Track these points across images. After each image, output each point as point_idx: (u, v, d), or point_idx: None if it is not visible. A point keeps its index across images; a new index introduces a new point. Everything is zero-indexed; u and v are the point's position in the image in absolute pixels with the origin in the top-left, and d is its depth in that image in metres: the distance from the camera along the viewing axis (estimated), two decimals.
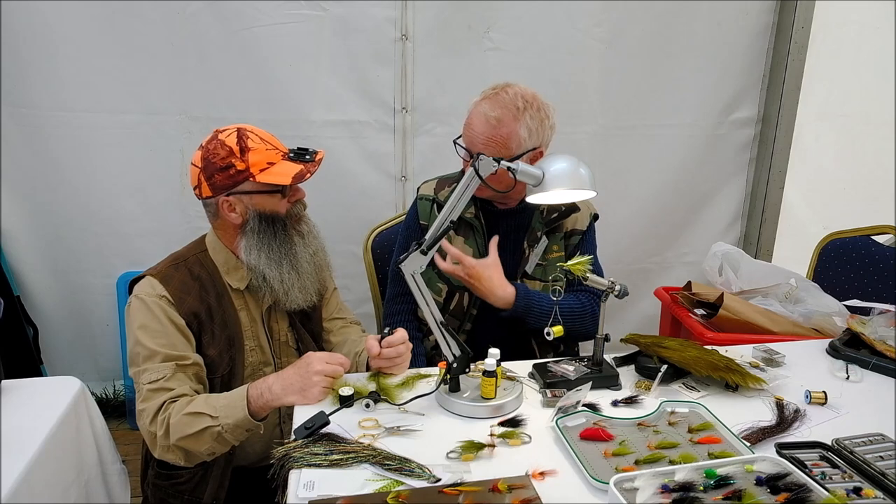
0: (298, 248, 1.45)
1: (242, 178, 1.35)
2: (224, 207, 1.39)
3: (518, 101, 1.52)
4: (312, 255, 1.48)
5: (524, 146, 1.53)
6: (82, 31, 2.30)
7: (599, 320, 1.45)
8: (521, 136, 1.52)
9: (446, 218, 1.30)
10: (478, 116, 1.53)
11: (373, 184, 2.61)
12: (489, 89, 1.57)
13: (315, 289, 1.50)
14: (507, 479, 1.05)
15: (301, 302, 1.47)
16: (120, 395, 2.74)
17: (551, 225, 1.70)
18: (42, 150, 2.41)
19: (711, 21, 2.65)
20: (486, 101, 1.53)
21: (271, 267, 1.40)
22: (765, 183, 2.89)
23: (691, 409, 1.31)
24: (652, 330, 2.61)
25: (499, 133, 1.50)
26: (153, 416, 1.31)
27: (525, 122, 1.51)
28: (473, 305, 1.69)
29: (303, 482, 1.06)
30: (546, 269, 1.70)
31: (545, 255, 1.70)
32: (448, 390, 1.32)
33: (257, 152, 1.35)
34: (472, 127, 1.54)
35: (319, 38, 2.41)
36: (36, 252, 2.53)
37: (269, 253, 1.40)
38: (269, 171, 1.35)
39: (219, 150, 1.35)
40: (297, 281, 1.44)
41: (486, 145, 1.51)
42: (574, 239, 1.73)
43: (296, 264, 1.44)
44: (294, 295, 1.44)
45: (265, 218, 1.40)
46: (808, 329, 2.02)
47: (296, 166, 1.37)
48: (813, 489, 0.99)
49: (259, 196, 1.38)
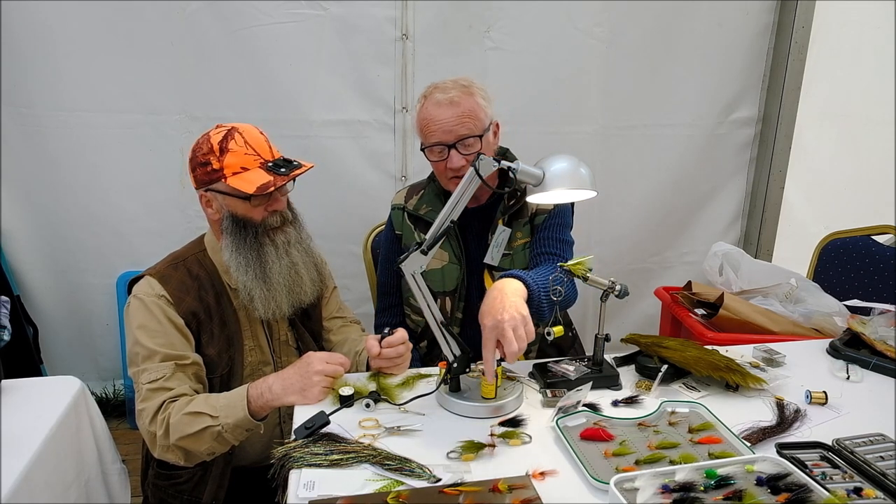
0: (269, 257, 1.41)
1: (216, 177, 1.35)
2: (202, 201, 1.41)
3: (462, 82, 1.57)
4: (290, 267, 1.43)
5: (489, 115, 1.57)
6: (82, 30, 2.30)
7: (600, 316, 1.45)
8: (482, 105, 1.55)
9: (447, 217, 1.30)
10: (436, 107, 1.54)
11: (373, 184, 2.61)
12: (425, 90, 1.60)
13: (288, 302, 1.45)
14: (508, 479, 1.05)
15: (265, 313, 1.42)
16: (120, 394, 2.74)
17: (510, 211, 1.65)
18: (42, 150, 2.41)
19: (712, 21, 2.65)
20: (435, 93, 1.55)
21: (239, 271, 1.39)
22: (765, 183, 2.90)
23: (692, 409, 1.31)
24: (652, 330, 2.62)
25: (464, 108, 1.53)
26: (153, 415, 1.31)
27: (478, 96, 1.55)
28: (458, 309, 1.69)
29: (303, 482, 1.06)
30: (513, 258, 1.66)
31: (510, 244, 1.66)
32: (448, 390, 1.32)
33: (235, 155, 1.34)
34: (438, 119, 1.53)
35: (319, 38, 2.41)
36: (36, 252, 2.53)
37: (238, 256, 1.38)
38: (239, 176, 1.34)
39: (203, 145, 1.37)
40: (261, 291, 1.40)
41: (461, 124, 1.52)
42: (539, 218, 1.66)
43: (262, 274, 1.40)
44: (256, 304, 1.41)
45: (237, 221, 1.38)
46: (809, 329, 2.02)
47: (266, 176, 1.34)
48: (813, 489, 0.99)
49: (230, 198, 1.37)
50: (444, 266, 1.68)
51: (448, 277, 1.68)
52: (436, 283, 1.68)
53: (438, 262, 1.68)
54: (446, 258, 1.68)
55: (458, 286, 1.68)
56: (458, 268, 1.67)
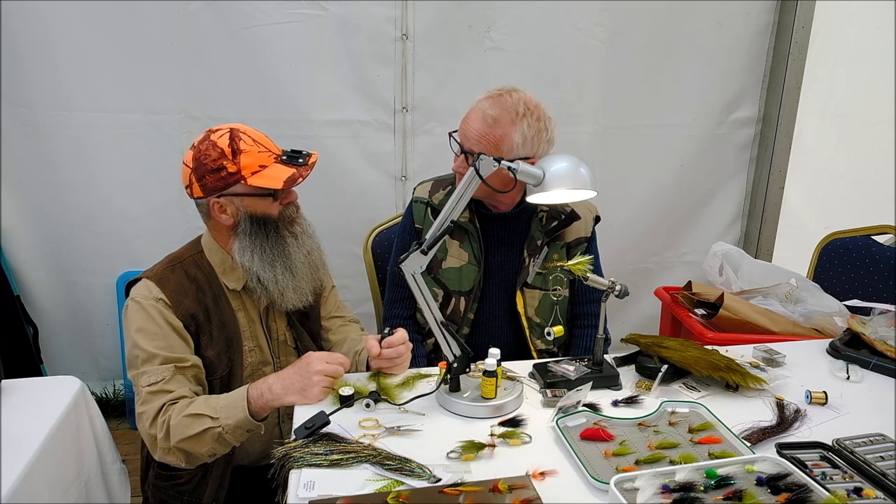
0: (292, 248, 1.44)
1: (234, 180, 1.34)
2: (215, 209, 1.38)
3: (519, 107, 1.50)
4: (307, 255, 1.47)
5: (516, 152, 1.51)
6: (82, 31, 2.30)
7: (601, 322, 1.45)
8: (514, 141, 1.50)
9: (447, 217, 1.30)
10: (476, 112, 1.53)
11: (373, 183, 2.61)
12: (495, 90, 1.55)
13: (311, 288, 1.50)
14: (508, 479, 1.05)
15: (296, 302, 1.46)
16: (120, 394, 2.74)
17: (552, 234, 1.68)
18: (42, 150, 2.41)
19: (712, 21, 2.65)
20: (488, 100, 1.52)
21: (265, 269, 1.39)
22: (765, 183, 2.90)
23: (692, 409, 1.31)
24: (652, 330, 2.62)
25: (493, 133, 1.50)
26: (153, 418, 1.31)
27: (521, 129, 1.49)
28: (470, 310, 1.69)
29: (303, 482, 1.06)
30: (546, 277, 1.69)
31: (544, 264, 1.68)
32: (448, 390, 1.32)
33: (249, 154, 1.34)
34: (469, 122, 1.54)
35: (319, 38, 2.41)
36: (36, 252, 2.53)
37: (262, 255, 1.39)
38: (260, 174, 1.34)
39: (210, 151, 1.33)
40: (292, 282, 1.43)
41: (478, 142, 1.51)
42: (580, 248, 1.71)
43: (290, 265, 1.43)
44: (289, 296, 1.44)
45: (257, 220, 1.39)
46: (809, 329, 2.01)
47: (288, 170, 1.36)
48: (813, 489, 0.99)
49: (250, 199, 1.37)
50: (463, 266, 1.68)
51: (465, 278, 1.68)
52: (452, 283, 1.68)
53: (457, 262, 1.68)
54: (465, 258, 1.67)
55: (474, 288, 1.68)
56: (476, 270, 1.67)
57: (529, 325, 1.68)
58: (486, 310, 1.70)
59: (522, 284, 1.68)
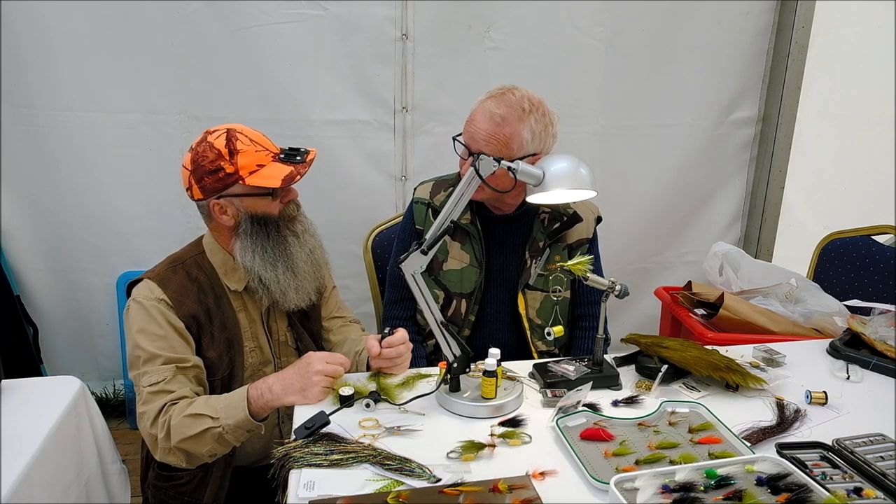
0: (293, 248, 1.43)
1: (232, 180, 1.34)
2: (215, 210, 1.38)
3: (524, 104, 1.51)
4: (309, 254, 1.47)
5: (525, 149, 1.52)
6: (82, 31, 2.30)
7: (601, 322, 1.45)
8: (523, 137, 1.50)
9: (447, 218, 1.30)
10: (482, 113, 1.52)
11: (373, 183, 2.61)
12: (496, 89, 1.55)
13: (314, 287, 1.50)
14: (508, 479, 1.05)
15: (299, 302, 1.46)
16: (120, 394, 2.74)
17: (554, 236, 1.68)
18: (42, 150, 2.41)
19: (712, 21, 2.65)
20: (493, 100, 1.52)
21: (266, 269, 1.39)
22: (765, 183, 2.90)
23: (692, 409, 1.31)
24: (652, 330, 2.62)
25: (502, 131, 1.49)
26: (154, 418, 1.31)
27: (529, 125, 1.50)
28: (471, 312, 1.69)
29: (303, 482, 1.06)
30: (547, 278, 1.69)
31: (546, 266, 1.68)
32: (448, 390, 1.32)
33: (246, 154, 1.34)
34: (475, 123, 1.53)
35: (319, 38, 2.41)
36: (36, 252, 2.53)
37: (264, 255, 1.39)
38: (258, 174, 1.34)
39: (207, 152, 1.33)
40: (294, 281, 1.43)
41: (488, 143, 1.50)
42: (582, 249, 1.71)
43: (291, 265, 1.42)
44: (291, 296, 1.44)
45: (257, 220, 1.39)
46: (809, 329, 2.01)
47: (286, 168, 1.36)
48: (813, 489, 0.99)
49: (250, 199, 1.37)
50: (464, 268, 1.67)
51: (466, 280, 1.67)
52: (453, 284, 1.68)
53: (458, 264, 1.67)
54: (467, 260, 1.67)
55: (475, 290, 1.67)
56: (478, 271, 1.67)
57: (531, 326, 1.68)
58: (488, 312, 1.70)
59: (524, 286, 1.68)
